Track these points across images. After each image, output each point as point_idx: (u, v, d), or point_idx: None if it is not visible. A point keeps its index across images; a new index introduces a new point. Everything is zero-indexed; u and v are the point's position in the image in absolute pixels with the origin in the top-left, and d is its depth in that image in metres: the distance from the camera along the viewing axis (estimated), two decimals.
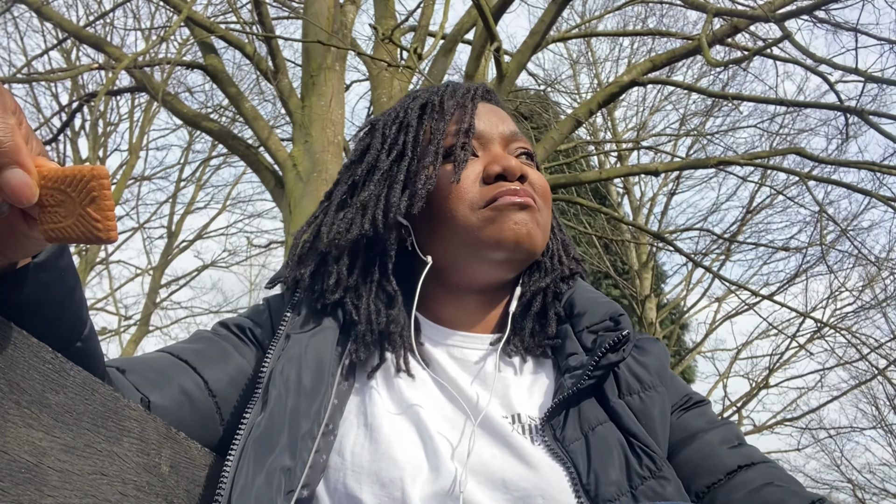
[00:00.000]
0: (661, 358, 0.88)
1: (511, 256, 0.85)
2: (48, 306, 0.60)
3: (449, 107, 0.90)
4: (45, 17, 5.74)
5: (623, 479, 0.71)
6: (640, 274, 10.94)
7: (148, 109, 11.65)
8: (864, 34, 5.53)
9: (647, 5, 8.11)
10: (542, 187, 0.89)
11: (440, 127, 0.88)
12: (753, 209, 10.43)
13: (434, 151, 0.86)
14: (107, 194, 0.47)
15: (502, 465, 0.72)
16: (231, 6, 6.53)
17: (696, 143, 11.08)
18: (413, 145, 0.88)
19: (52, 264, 0.59)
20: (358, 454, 0.74)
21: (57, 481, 0.55)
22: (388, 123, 0.92)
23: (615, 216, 8.28)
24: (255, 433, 0.71)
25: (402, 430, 0.76)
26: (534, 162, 0.94)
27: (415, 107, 0.92)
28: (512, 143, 0.92)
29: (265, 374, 0.78)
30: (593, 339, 0.84)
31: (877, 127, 5.57)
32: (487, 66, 4.93)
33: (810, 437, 11.53)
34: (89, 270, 11.01)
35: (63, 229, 0.48)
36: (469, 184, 0.85)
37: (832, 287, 9.69)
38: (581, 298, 0.91)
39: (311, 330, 0.81)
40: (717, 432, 0.84)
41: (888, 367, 8.49)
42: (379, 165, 0.88)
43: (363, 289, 0.85)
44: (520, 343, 0.88)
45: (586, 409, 0.78)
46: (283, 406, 0.73)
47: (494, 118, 0.93)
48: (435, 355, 0.85)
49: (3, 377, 0.51)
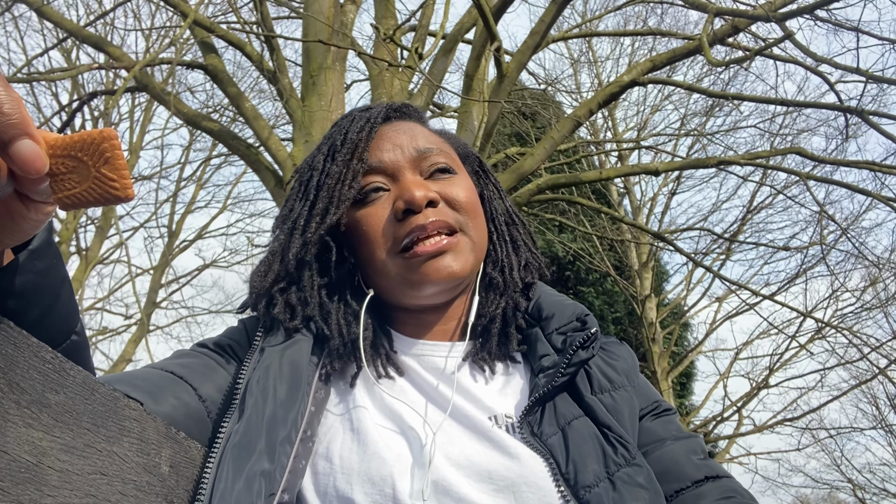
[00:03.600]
0: (628, 361, 0.93)
1: (439, 290, 0.88)
2: (45, 295, 0.61)
3: (349, 143, 0.90)
4: (45, 17, 5.74)
5: (601, 468, 0.75)
6: (641, 274, 10.93)
7: (148, 109, 11.65)
8: (865, 34, 5.52)
9: (648, 5, 8.10)
10: (462, 201, 0.90)
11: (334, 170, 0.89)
12: (754, 209, 10.43)
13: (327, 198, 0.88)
14: (119, 154, 0.48)
15: (486, 458, 0.76)
16: (231, 6, 6.53)
17: (697, 142, 11.09)
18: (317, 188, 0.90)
19: (45, 251, 0.59)
20: (347, 457, 0.76)
21: (57, 481, 0.55)
22: (304, 167, 0.96)
23: (616, 216, 8.28)
24: (234, 440, 0.72)
25: (388, 432, 0.79)
26: (455, 170, 0.93)
27: (323, 148, 0.94)
28: (423, 162, 0.91)
29: (241, 385, 0.79)
30: (563, 339, 0.88)
31: (877, 127, 5.57)
32: (488, 65, 4.92)
33: (811, 436, 11.54)
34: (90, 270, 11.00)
35: (79, 195, 0.49)
36: (383, 226, 0.87)
37: (833, 287, 9.70)
38: (547, 303, 0.94)
39: (284, 343, 0.83)
40: (685, 443, 0.88)
41: (888, 367, 8.49)
42: (291, 215, 0.91)
43: (330, 307, 0.88)
44: (487, 355, 0.91)
45: (561, 405, 0.82)
46: (260, 414, 0.74)
47: (400, 140, 0.92)
48: (409, 363, 0.89)
49: (3, 377, 0.51)
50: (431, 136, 0.96)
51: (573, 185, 6.68)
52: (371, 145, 0.91)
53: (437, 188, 0.89)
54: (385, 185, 0.90)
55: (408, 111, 0.99)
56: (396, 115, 0.97)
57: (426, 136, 0.94)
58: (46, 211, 0.52)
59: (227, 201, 13.24)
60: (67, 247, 10.39)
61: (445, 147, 0.96)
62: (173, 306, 12.76)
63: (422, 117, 1.01)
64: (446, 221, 0.87)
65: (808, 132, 9.25)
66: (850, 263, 8.96)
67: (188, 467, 0.75)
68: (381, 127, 0.94)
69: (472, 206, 0.91)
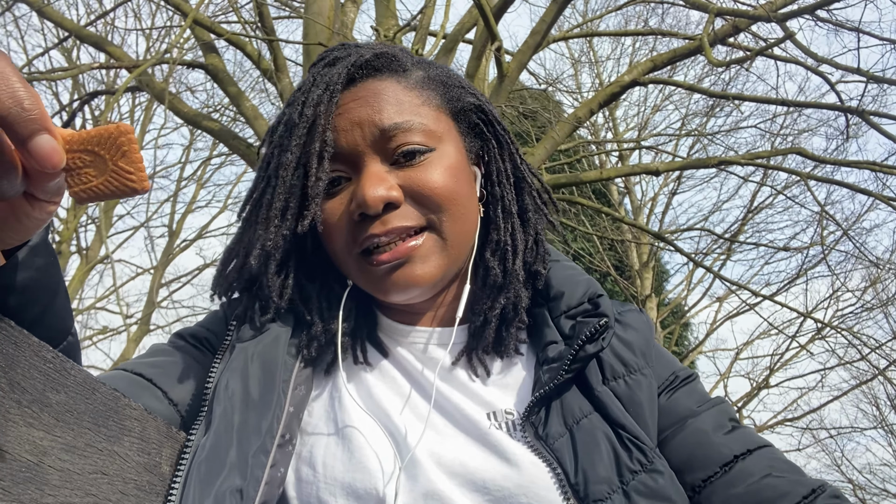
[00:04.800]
0: (645, 334, 0.83)
1: (409, 298, 0.79)
2: (45, 292, 0.61)
3: (304, 124, 0.76)
4: (45, 17, 5.75)
5: (613, 476, 0.68)
6: (641, 274, 10.93)
7: (148, 109, 11.65)
8: (866, 34, 5.53)
9: (649, 5, 8.10)
10: (435, 189, 0.76)
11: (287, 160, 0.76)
12: (754, 209, 10.43)
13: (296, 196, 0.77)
14: (135, 148, 0.50)
15: (482, 465, 0.69)
16: (232, 6, 6.53)
17: (698, 142, 11.08)
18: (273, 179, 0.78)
19: (43, 248, 0.59)
20: (330, 465, 0.71)
21: (58, 480, 0.54)
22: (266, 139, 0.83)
23: (616, 216, 8.27)
24: (200, 456, 0.66)
25: (375, 437, 0.72)
26: (427, 151, 0.78)
27: (280, 128, 0.80)
28: (387, 143, 0.77)
29: (209, 390, 0.73)
30: (571, 324, 0.79)
31: (877, 127, 5.57)
32: (488, 65, 4.93)
33: (811, 437, 11.54)
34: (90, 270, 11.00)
35: (95, 188, 0.50)
36: (343, 225, 0.77)
37: (833, 287, 9.70)
38: (558, 278, 0.84)
39: (257, 338, 0.76)
40: (709, 416, 0.78)
41: (889, 367, 8.49)
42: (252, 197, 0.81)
43: (311, 290, 0.81)
44: (485, 345, 0.81)
45: (569, 400, 0.74)
46: (230, 423, 0.68)
47: (360, 116, 0.77)
48: (398, 352, 0.82)
49: (3, 376, 0.51)
50: (404, 101, 0.79)
51: (574, 184, 6.68)
52: (333, 120, 0.78)
53: (403, 179, 0.77)
54: (345, 173, 0.78)
55: (378, 63, 0.81)
56: (362, 74, 0.80)
57: (397, 101, 0.78)
58: (49, 210, 0.52)
59: (228, 201, 13.24)
60: (68, 246, 10.39)
61: (423, 112, 0.79)
62: (173, 306, 12.77)
63: (399, 66, 0.82)
64: (406, 227, 0.76)
65: (808, 132, 9.27)
66: (850, 264, 8.96)
67: None
68: (343, 94, 0.79)
69: (448, 193, 0.77)
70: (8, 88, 0.42)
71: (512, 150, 0.86)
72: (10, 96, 0.42)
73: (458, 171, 0.80)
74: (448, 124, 0.82)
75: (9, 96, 0.42)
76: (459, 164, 0.80)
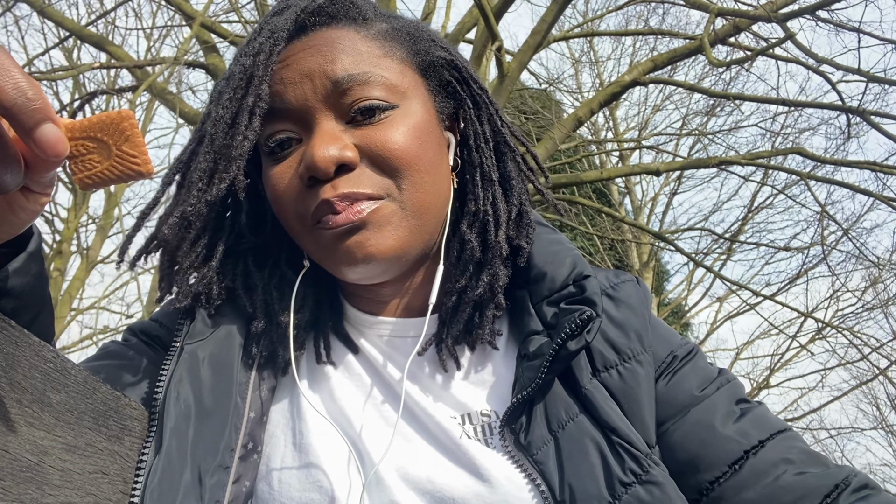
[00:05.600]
0: (640, 310, 0.73)
1: (367, 274, 0.69)
2: (37, 300, 0.61)
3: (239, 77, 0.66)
4: (46, 17, 5.75)
5: (604, 491, 0.60)
6: (642, 274, 10.93)
7: (149, 109, 11.65)
8: (867, 34, 5.52)
9: (649, 5, 8.10)
10: (396, 151, 0.66)
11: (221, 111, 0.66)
12: (755, 209, 10.43)
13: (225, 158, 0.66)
14: (137, 132, 0.50)
15: (453, 481, 0.62)
16: (232, 5, 6.53)
17: (698, 142, 11.08)
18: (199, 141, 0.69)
19: (38, 256, 0.59)
20: (286, 482, 0.64)
21: (58, 480, 0.54)
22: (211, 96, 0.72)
23: (616, 216, 8.27)
24: (153, 481, 0.59)
25: (335, 448, 0.65)
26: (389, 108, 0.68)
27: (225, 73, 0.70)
28: (342, 98, 0.67)
29: (158, 403, 0.63)
30: (554, 312, 0.69)
31: (878, 127, 5.57)
32: (489, 65, 4.93)
33: (811, 437, 11.52)
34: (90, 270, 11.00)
35: (101, 173, 0.50)
36: (292, 191, 0.68)
37: (834, 287, 9.70)
38: (541, 255, 0.73)
39: (208, 337, 0.68)
40: (714, 401, 0.70)
41: (889, 367, 8.48)
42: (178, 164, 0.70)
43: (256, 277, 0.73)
44: (457, 335, 0.72)
45: (553, 400, 0.66)
46: (184, 438, 0.61)
47: (310, 66, 0.67)
48: (364, 346, 0.73)
49: (4, 376, 0.51)
50: (363, 51, 0.68)
51: (574, 184, 6.68)
52: (276, 73, 0.68)
53: (359, 138, 0.67)
54: (295, 133, 0.68)
55: (334, 9, 0.71)
56: (314, 22, 0.70)
57: (354, 51, 0.68)
58: (43, 202, 0.53)
59: None
60: (68, 246, 10.39)
61: (384, 64, 0.69)
62: None
63: (358, 14, 0.72)
64: (362, 193, 0.65)
65: (809, 132, 9.25)
66: (850, 264, 8.95)
67: None
68: (292, 44, 0.69)
69: (411, 156, 0.67)
70: (10, 80, 0.42)
71: (491, 111, 0.75)
72: (13, 87, 0.42)
73: (425, 132, 0.69)
74: (415, 80, 0.72)
75: (12, 87, 0.42)
76: (427, 125, 0.70)
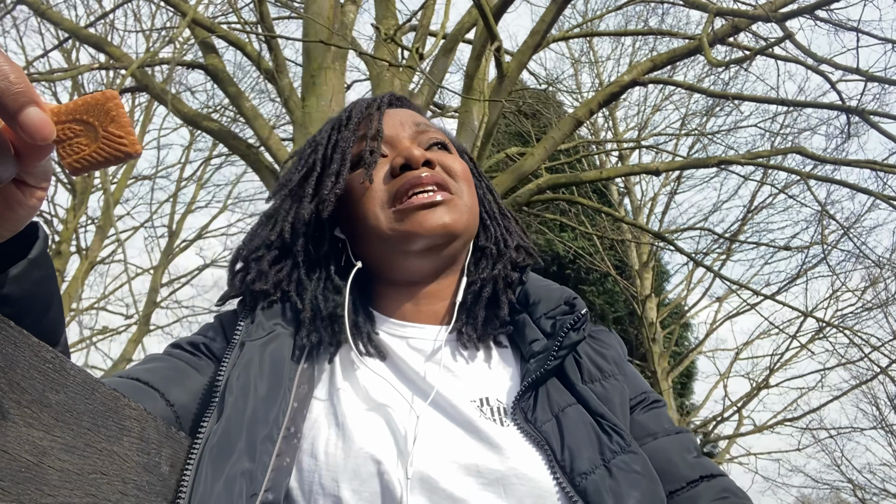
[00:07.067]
0: (617, 349, 0.92)
1: (430, 244, 0.87)
2: (38, 305, 0.61)
3: (355, 119, 0.95)
4: (45, 18, 5.74)
5: (596, 455, 0.75)
6: (641, 273, 10.93)
7: (148, 109, 11.65)
8: (866, 34, 5.52)
9: (649, 5, 8.09)
10: (458, 170, 0.93)
11: (346, 136, 0.93)
12: (755, 209, 10.43)
13: (340, 159, 0.91)
14: (123, 112, 0.50)
15: (473, 452, 0.74)
16: (232, 6, 6.53)
17: (698, 142, 11.08)
18: (322, 160, 0.94)
19: (42, 261, 0.59)
20: (332, 454, 0.74)
21: (57, 480, 0.55)
22: (304, 147, 0.99)
23: (616, 216, 8.27)
24: (212, 440, 0.70)
25: (373, 426, 0.77)
26: (451, 151, 0.97)
27: (326, 127, 0.98)
28: (422, 135, 0.95)
29: (221, 383, 0.77)
30: (552, 323, 0.87)
31: (877, 126, 5.57)
32: (488, 65, 4.92)
33: (811, 436, 11.55)
34: (90, 270, 11.00)
35: (88, 157, 0.50)
36: (378, 184, 0.90)
37: (833, 287, 9.71)
38: (535, 287, 0.93)
39: (265, 337, 0.82)
40: (677, 439, 0.86)
41: (890, 366, 8.48)
42: (289, 183, 0.94)
43: (307, 283, 0.89)
44: (473, 332, 0.90)
45: (553, 392, 0.81)
46: (241, 412, 0.73)
47: (402, 118, 0.97)
48: (392, 346, 0.87)
49: (3, 376, 0.51)
50: (430, 122, 0.99)
51: (574, 184, 6.68)
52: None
53: (435, 157, 0.92)
54: (384, 152, 0.93)
55: (408, 102, 1.04)
56: (398, 103, 1.02)
57: (425, 120, 1.00)
58: (39, 196, 0.53)
59: (228, 201, 13.26)
60: (68, 246, 10.40)
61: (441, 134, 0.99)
62: (173, 306, 12.77)
63: (420, 109, 1.05)
64: (443, 178, 0.89)
65: (808, 132, 9.25)
66: (850, 263, 8.95)
67: None
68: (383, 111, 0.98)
69: (467, 178, 0.93)
70: None
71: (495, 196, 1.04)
72: None
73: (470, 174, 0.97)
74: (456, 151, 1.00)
75: None
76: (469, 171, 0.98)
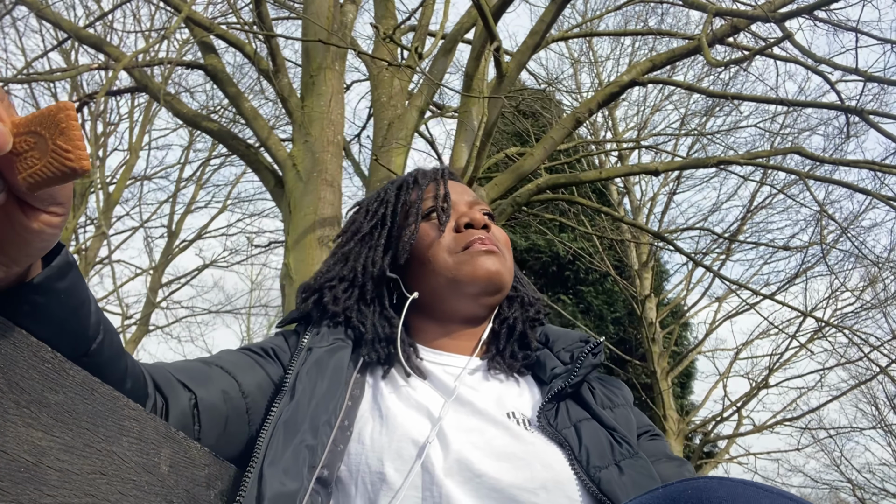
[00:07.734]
0: (627, 395, 1.07)
1: (484, 289, 1.04)
2: (47, 324, 0.59)
3: (423, 181, 1.14)
4: (45, 18, 5.74)
5: (608, 456, 0.87)
6: (641, 273, 10.93)
7: (148, 109, 11.65)
8: (865, 34, 5.52)
9: (648, 5, 8.09)
10: (503, 239, 1.11)
11: (419, 194, 1.11)
12: (754, 209, 10.43)
13: (416, 213, 1.09)
14: (74, 125, 0.47)
15: (505, 442, 0.87)
16: (231, 6, 6.53)
17: (697, 142, 11.08)
18: (392, 214, 1.11)
19: (47, 287, 0.57)
20: (377, 439, 0.87)
21: (56, 481, 0.55)
22: (371, 201, 1.16)
23: (616, 216, 8.27)
24: (285, 416, 0.84)
25: (413, 417, 0.90)
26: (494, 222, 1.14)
27: (392, 187, 1.15)
28: (475, 206, 1.13)
29: (292, 374, 0.92)
30: (570, 354, 1.03)
31: (877, 126, 5.57)
32: (487, 65, 4.92)
33: (810, 436, 11.54)
34: (90, 270, 11.00)
35: (38, 172, 0.47)
36: (446, 234, 1.07)
37: (833, 287, 9.71)
38: (553, 330, 1.11)
39: (330, 346, 0.97)
40: (677, 464, 0.98)
41: (890, 366, 8.49)
42: (360, 231, 1.11)
43: (367, 311, 1.05)
44: (502, 360, 1.04)
45: (572, 408, 0.95)
46: (307, 399, 0.87)
47: (460, 189, 1.16)
48: (431, 369, 1.01)
49: (2, 376, 0.51)
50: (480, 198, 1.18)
51: (573, 184, 6.68)
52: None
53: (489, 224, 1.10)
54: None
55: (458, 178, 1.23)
56: (452, 176, 1.21)
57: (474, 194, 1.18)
58: (49, 221, 0.51)
59: (227, 201, 13.25)
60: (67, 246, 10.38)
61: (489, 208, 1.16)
62: (173, 306, 12.77)
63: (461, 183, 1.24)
64: (496, 240, 1.07)
65: (808, 132, 9.25)
66: (849, 263, 8.95)
67: (187, 467, 0.75)
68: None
69: (508, 247, 1.11)
70: None
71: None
72: None
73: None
74: None
75: None
76: None
